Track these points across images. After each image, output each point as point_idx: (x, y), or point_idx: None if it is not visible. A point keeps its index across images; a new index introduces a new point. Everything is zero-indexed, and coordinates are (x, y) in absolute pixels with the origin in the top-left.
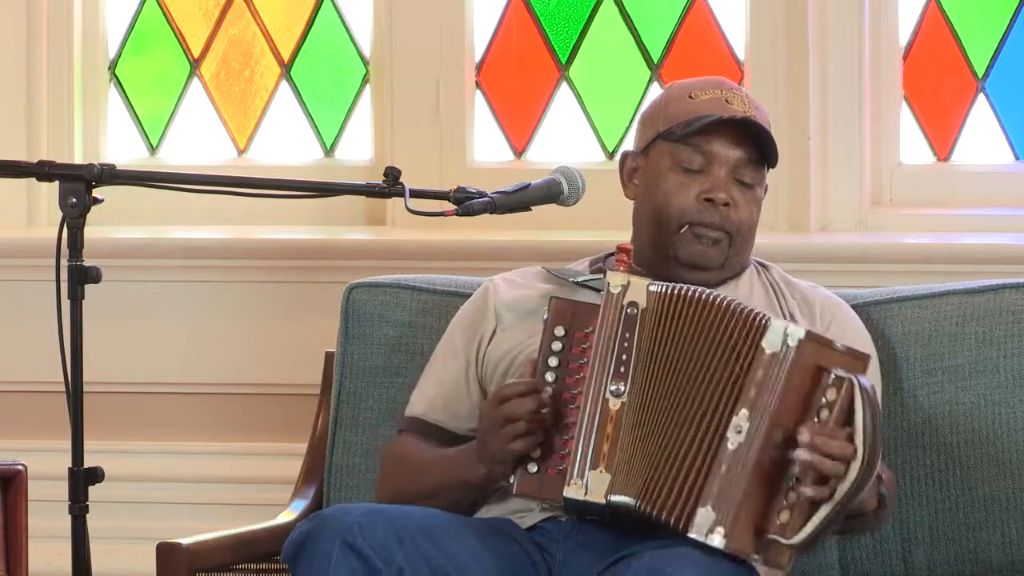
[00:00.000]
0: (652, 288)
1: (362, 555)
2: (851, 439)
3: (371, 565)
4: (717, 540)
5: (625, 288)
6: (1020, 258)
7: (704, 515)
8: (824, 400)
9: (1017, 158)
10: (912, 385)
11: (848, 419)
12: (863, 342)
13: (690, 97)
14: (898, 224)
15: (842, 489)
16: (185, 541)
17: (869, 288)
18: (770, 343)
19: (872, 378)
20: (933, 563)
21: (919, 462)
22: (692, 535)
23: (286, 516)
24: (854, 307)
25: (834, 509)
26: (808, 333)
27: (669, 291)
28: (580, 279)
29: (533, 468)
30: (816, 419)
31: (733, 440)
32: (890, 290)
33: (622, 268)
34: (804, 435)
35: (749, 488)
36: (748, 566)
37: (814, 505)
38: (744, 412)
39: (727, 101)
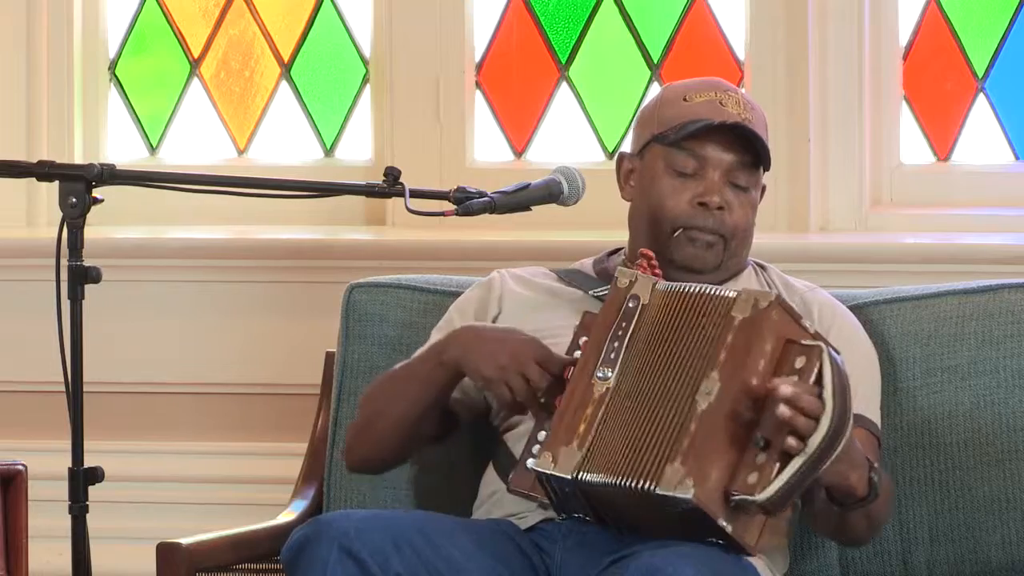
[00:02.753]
0: (658, 286)
1: (359, 560)
2: (820, 397)
3: (368, 570)
4: (685, 491)
5: (632, 283)
6: (1020, 258)
7: (673, 470)
8: (794, 367)
9: (1017, 158)
10: (911, 385)
11: (818, 382)
12: (862, 344)
13: (684, 100)
14: (898, 224)
15: (814, 441)
16: (185, 541)
17: (869, 288)
18: (740, 310)
19: (871, 381)
20: (933, 563)
21: (919, 462)
22: (661, 491)
23: (286, 516)
24: (854, 307)
25: (806, 463)
26: (778, 297)
27: (673, 289)
28: (600, 293)
29: (531, 463)
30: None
31: (703, 401)
32: (890, 290)
33: (641, 271)
34: (786, 388)
35: (717, 445)
36: (747, 564)
37: (786, 459)
38: (714, 375)
39: (721, 103)
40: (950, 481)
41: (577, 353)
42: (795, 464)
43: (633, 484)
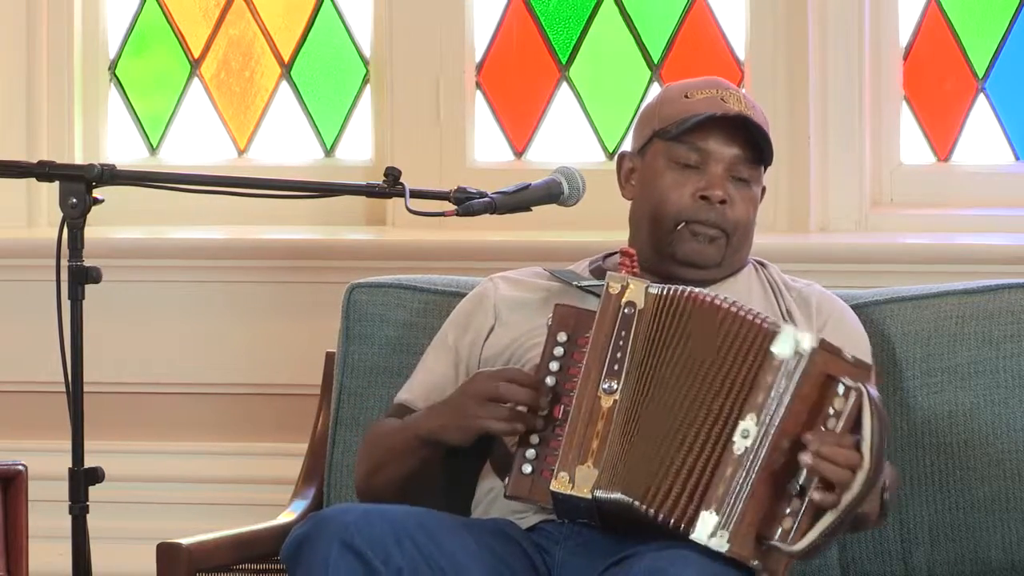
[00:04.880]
0: (651, 290)
1: (360, 555)
2: (858, 447)
3: (369, 565)
4: (720, 544)
5: (624, 288)
6: (1020, 258)
7: (707, 518)
8: (832, 410)
9: (1017, 158)
10: (912, 385)
11: (855, 428)
12: (859, 339)
13: (686, 96)
14: (898, 224)
15: (847, 498)
16: (185, 541)
17: (869, 288)
18: (780, 349)
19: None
20: (933, 563)
21: (919, 462)
22: (694, 538)
23: (286, 516)
24: (854, 307)
25: (838, 518)
26: (821, 342)
27: (668, 292)
28: (584, 284)
29: (527, 469)
30: (824, 427)
31: (739, 444)
32: (890, 290)
33: (624, 271)
34: (812, 442)
35: (754, 493)
36: (747, 567)
37: (818, 512)
38: (752, 416)
39: (723, 100)
40: (950, 481)
41: (557, 350)
42: (828, 519)
43: (664, 519)
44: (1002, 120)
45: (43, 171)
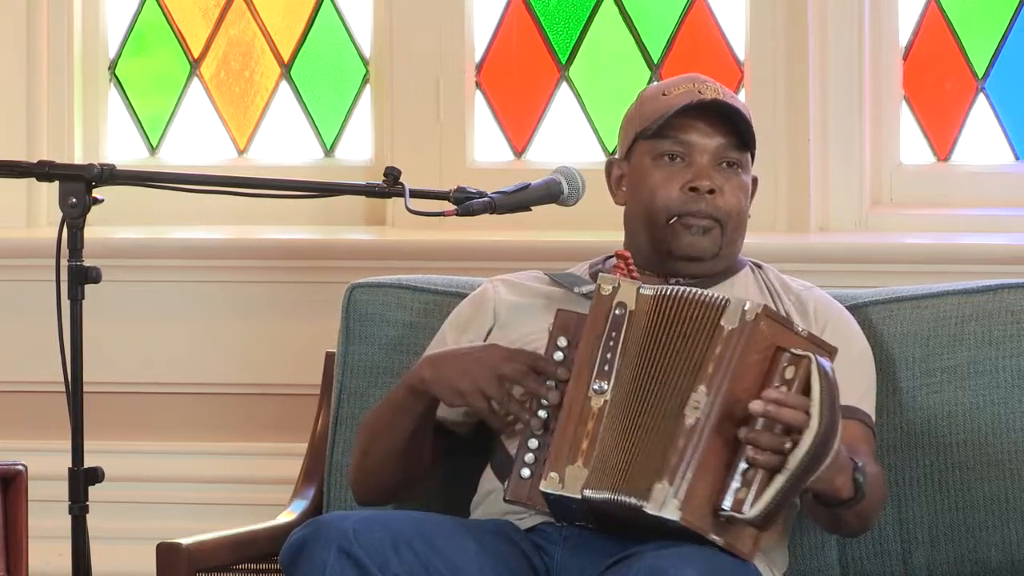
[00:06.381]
0: (643, 291)
1: (358, 562)
2: (807, 410)
3: (367, 572)
4: (672, 512)
5: (615, 290)
6: (1020, 258)
7: (660, 489)
8: (782, 379)
9: (1017, 158)
10: (911, 385)
11: (805, 392)
12: (858, 344)
13: (663, 95)
14: (898, 224)
15: (796, 458)
16: (185, 541)
17: (869, 288)
18: (728, 320)
19: (867, 377)
20: (933, 563)
21: (918, 462)
22: (649, 510)
23: (286, 516)
24: (854, 307)
25: (789, 480)
26: (765, 308)
27: (659, 293)
28: (585, 291)
29: (526, 473)
30: None
31: (691, 416)
32: (890, 290)
33: (619, 274)
34: (757, 405)
35: (704, 461)
36: (748, 564)
37: (770, 477)
38: (702, 388)
39: (700, 92)
40: (950, 481)
41: (557, 355)
42: (778, 481)
43: (629, 501)
44: (1002, 120)
45: (43, 171)
